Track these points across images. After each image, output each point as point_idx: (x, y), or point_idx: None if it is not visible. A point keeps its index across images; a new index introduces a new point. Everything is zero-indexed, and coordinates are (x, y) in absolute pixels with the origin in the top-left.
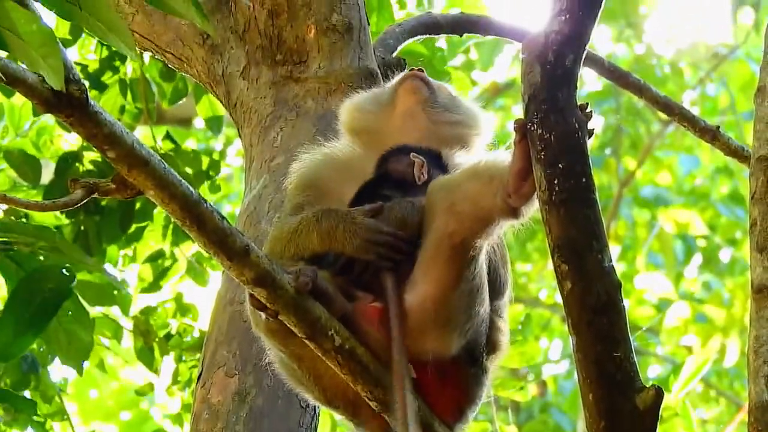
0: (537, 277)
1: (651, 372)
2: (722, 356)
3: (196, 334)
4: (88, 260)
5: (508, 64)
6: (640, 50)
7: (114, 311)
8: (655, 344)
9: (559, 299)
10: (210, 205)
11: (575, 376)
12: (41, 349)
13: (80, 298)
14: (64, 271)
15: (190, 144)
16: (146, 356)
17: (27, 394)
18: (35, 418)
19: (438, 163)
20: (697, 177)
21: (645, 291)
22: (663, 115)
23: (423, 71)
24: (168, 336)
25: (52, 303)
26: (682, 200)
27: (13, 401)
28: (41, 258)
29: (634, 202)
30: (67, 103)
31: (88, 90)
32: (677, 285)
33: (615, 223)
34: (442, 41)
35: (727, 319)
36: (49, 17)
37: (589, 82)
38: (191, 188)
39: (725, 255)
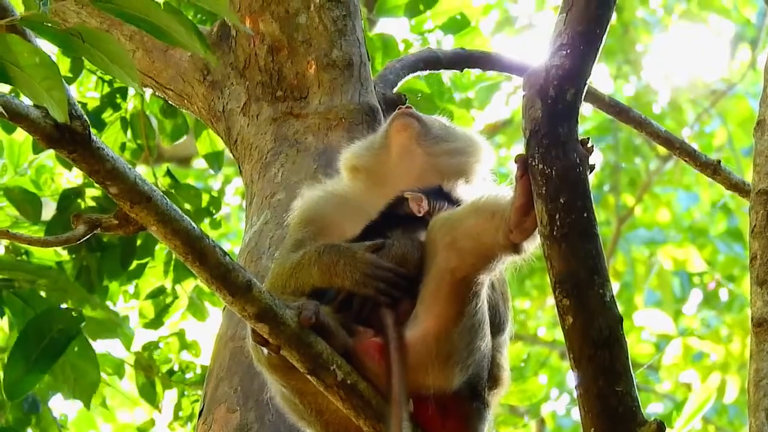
0: (535, 314)
1: (651, 409)
2: (722, 393)
3: (198, 371)
4: (90, 298)
5: (504, 102)
6: (637, 87)
7: (114, 348)
8: (654, 382)
9: (558, 335)
10: (212, 240)
11: (573, 413)
12: (43, 385)
13: (85, 334)
14: (72, 312)
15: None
16: (149, 392)
17: None
18: None
19: (442, 194)
20: (696, 213)
21: (644, 328)
22: (661, 151)
23: (411, 108)
24: (170, 372)
25: (61, 343)
26: (681, 237)
27: None
28: (43, 295)
29: (632, 239)
30: (70, 138)
31: (90, 125)
32: (676, 322)
33: (614, 259)
34: (446, 79)
35: (726, 356)
36: (50, 51)
37: (587, 118)
38: (193, 224)
39: (723, 292)
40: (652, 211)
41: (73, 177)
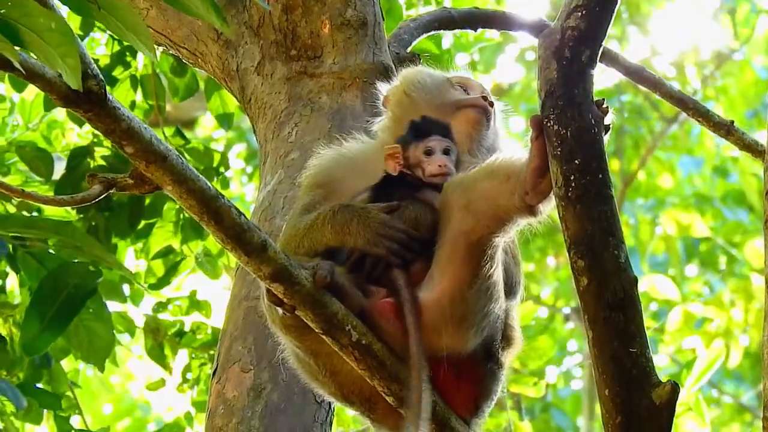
0: (538, 277)
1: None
2: (726, 358)
3: (209, 332)
4: (108, 256)
5: (509, 65)
6: (645, 50)
7: (124, 307)
8: (659, 345)
9: (560, 299)
10: (227, 200)
11: (575, 379)
12: (57, 346)
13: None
14: (90, 266)
15: None
16: (157, 354)
17: (40, 386)
18: (58, 413)
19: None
20: (697, 180)
21: (648, 293)
22: (667, 113)
23: (492, 105)
24: (180, 333)
25: (78, 298)
26: (683, 202)
27: (37, 396)
28: (61, 255)
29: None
30: (86, 98)
31: (105, 85)
32: (680, 286)
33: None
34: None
35: (728, 322)
36: (63, 12)
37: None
38: (209, 183)
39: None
40: (655, 176)
41: (85, 133)
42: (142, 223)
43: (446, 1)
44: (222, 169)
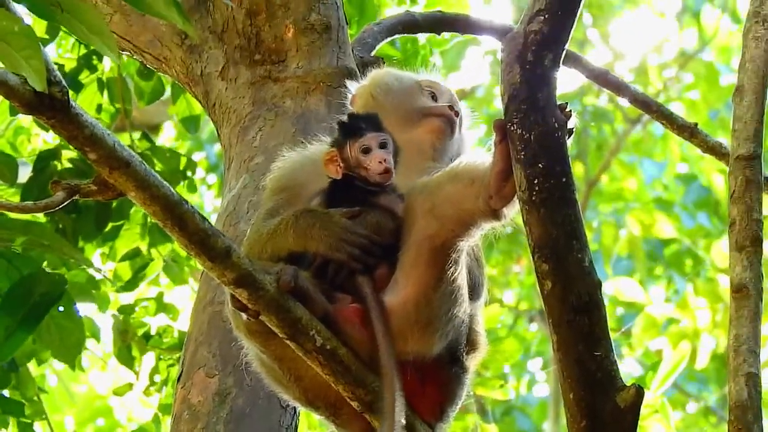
0: (501, 281)
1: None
2: (692, 360)
3: (176, 335)
4: (77, 254)
5: (472, 68)
6: (606, 54)
7: (91, 311)
8: (626, 348)
9: (523, 302)
10: (191, 206)
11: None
12: (26, 349)
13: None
14: (56, 276)
15: None
16: (125, 356)
17: (5, 393)
18: (21, 419)
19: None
20: (661, 183)
21: (615, 296)
22: (630, 116)
23: (458, 115)
24: (147, 336)
25: (44, 306)
26: (646, 206)
27: (2, 403)
28: (31, 255)
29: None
30: (49, 105)
31: (68, 91)
32: (645, 289)
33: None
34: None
35: (694, 323)
36: (26, 16)
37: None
38: (172, 189)
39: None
40: (619, 180)
41: (51, 138)
42: (109, 225)
43: (419, 3)
44: (189, 173)
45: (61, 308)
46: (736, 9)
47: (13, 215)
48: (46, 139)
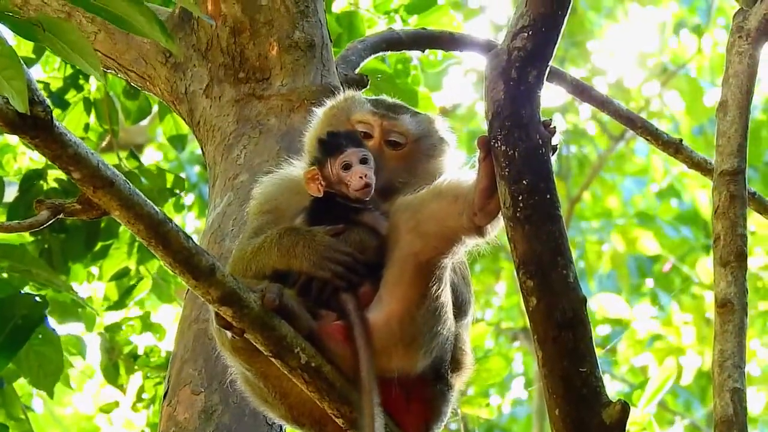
0: (483, 299)
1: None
2: (678, 376)
3: (163, 354)
4: (57, 279)
5: (454, 87)
6: (584, 71)
7: (78, 330)
8: (612, 365)
9: (506, 320)
10: (175, 225)
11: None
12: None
13: (49, 319)
14: (36, 298)
15: None
16: (111, 373)
17: None
18: None
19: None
20: (643, 199)
21: (599, 312)
22: (615, 131)
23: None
24: (134, 356)
25: (25, 329)
26: (628, 222)
27: None
28: (6, 277)
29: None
30: (32, 124)
31: (52, 111)
32: (631, 304)
33: None
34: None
35: (679, 339)
36: (10, 36)
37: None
38: (156, 208)
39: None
40: (601, 197)
41: (38, 157)
42: (99, 245)
43: (410, 20)
44: (177, 191)
45: (40, 336)
46: (717, 24)
47: None
48: (32, 157)
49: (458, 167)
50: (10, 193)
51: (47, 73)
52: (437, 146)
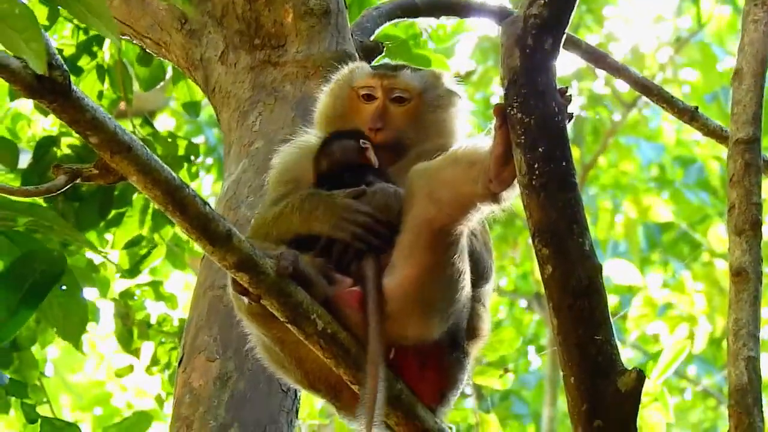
0: (498, 266)
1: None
2: (690, 343)
3: (176, 324)
4: (80, 236)
5: (467, 53)
6: (601, 38)
7: (92, 295)
8: (623, 332)
9: (520, 286)
10: (192, 190)
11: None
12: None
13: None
14: (54, 253)
15: None
16: (126, 339)
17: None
18: (25, 400)
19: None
20: (659, 164)
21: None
22: (626, 101)
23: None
24: (147, 324)
25: (46, 283)
26: (645, 186)
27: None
28: (33, 235)
29: (600, 189)
30: (50, 88)
31: (70, 75)
32: (642, 272)
33: None
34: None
35: (691, 307)
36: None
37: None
38: (173, 173)
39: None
40: (616, 163)
41: (50, 125)
42: (113, 212)
43: None
44: (192, 158)
45: (63, 287)
46: None
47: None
48: (45, 127)
49: (468, 117)
50: (24, 162)
51: (57, 41)
52: (444, 98)
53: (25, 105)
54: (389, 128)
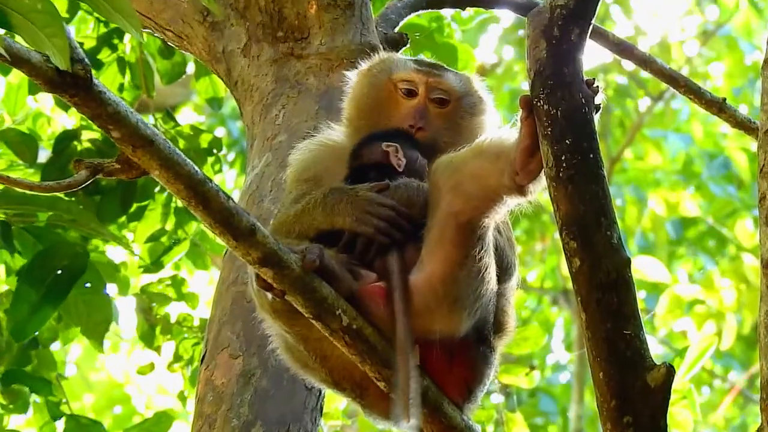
0: (524, 260)
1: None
2: (718, 340)
3: (196, 323)
4: (104, 229)
5: (493, 45)
6: (628, 30)
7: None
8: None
9: (547, 282)
10: (215, 184)
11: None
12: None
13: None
14: (77, 248)
15: None
16: (148, 335)
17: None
18: (49, 398)
19: (412, 142)
20: (687, 156)
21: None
22: (653, 93)
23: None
24: (168, 320)
25: (68, 279)
26: (672, 180)
27: (25, 381)
28: (56, 230)
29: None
30: (72, 83)
31: (91, 69)
32: (669, 268)
33: None
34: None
35: (719, 303)
36: None
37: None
38: (196, 167)
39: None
40: (642, 156)
41: (70, 125)
42: (134, 206)
43: None
44: (215, 150)
45: (88, 284)
46: None
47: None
48: (65, 125)
49: (497, 127)
50: (42, 159)
51: (77, 35)
52: (477, 105)
53: (45, 103)
54: (428, 128)
